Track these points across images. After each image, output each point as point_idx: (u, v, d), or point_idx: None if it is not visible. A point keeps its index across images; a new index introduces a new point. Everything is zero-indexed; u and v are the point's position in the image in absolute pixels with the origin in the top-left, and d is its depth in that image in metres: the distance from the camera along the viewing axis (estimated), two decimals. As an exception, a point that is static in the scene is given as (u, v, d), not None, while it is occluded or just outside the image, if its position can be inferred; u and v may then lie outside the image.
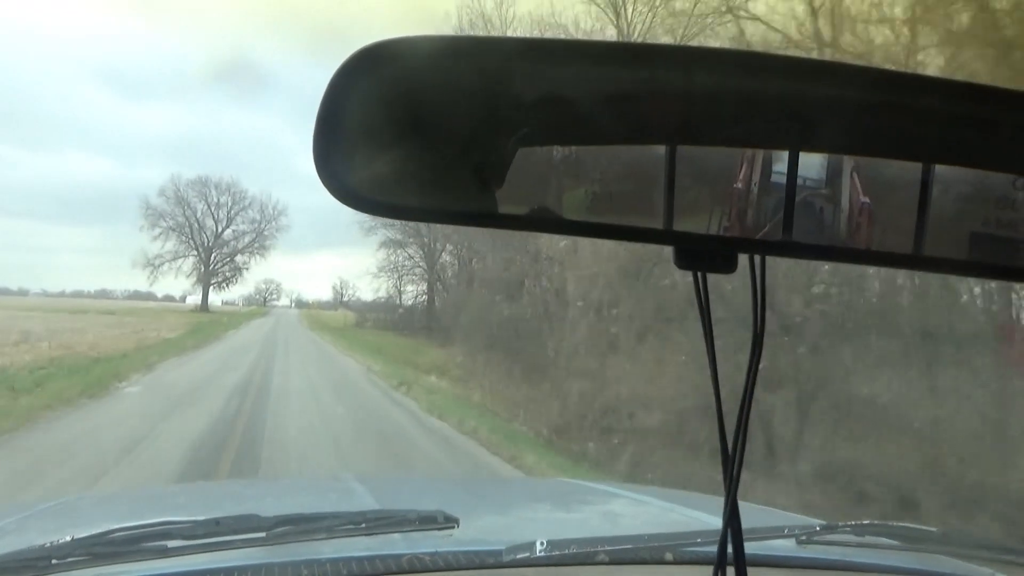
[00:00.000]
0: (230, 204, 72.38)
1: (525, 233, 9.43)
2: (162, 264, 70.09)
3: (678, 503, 2.21)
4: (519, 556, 1.34)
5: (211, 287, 72.52)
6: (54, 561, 1.18)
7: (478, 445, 10.16)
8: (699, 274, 0.77)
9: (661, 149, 0.71)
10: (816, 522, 1.63)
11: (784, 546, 1.45)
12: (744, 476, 0.81)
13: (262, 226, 73.73)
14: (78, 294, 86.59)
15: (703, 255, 0.73)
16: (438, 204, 0.72)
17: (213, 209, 72.14)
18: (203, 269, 71.57)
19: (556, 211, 0.71)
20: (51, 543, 1.21)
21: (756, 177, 0.71)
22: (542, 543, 1.34)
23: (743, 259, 0.75)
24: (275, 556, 1.31)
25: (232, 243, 73.47)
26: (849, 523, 1.52)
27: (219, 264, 73.30)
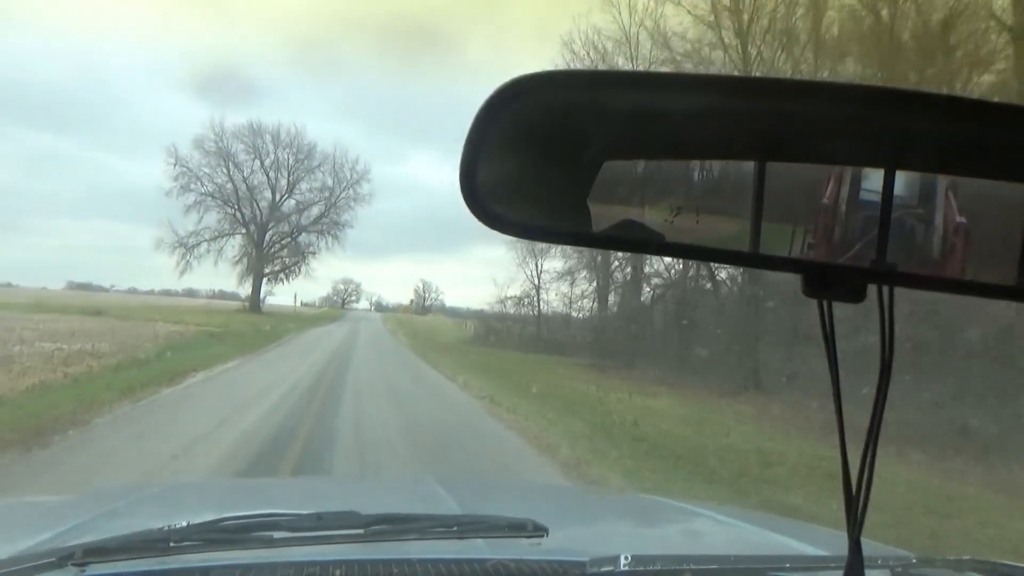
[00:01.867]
0: (291, 163, 50.77)
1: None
2: (198, 245, 48.65)
3: (761, 526, 2.16)
4: (603, 569, 1.34)
5: (265, 279, 51.46)
6: (172, 544, 1.27)
7: None
8: (824, 303, 0.77)
9: (751, 166, 0.73)
10: (911, 555, 1.57)
11: None
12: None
13: (336, 195, 51.45)
14: (167, 293, 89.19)
15: (831, 284, 0.73)
16: (562, 226, 0.78)
17: (269, 170, 50.25)
18: (253, 253, 49.91)
19: (677, 235, 0.75)
20: (169, 527, 1.31)
21: (846, 195, 0.71)
22: (626, 558, 1.34)
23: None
24: (370, 553, 1.37)
25: (293, 218, 51.91)
26: (947, 557, 1.46)
27: (276, 247, 51.88)
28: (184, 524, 1.32)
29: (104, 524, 1.67)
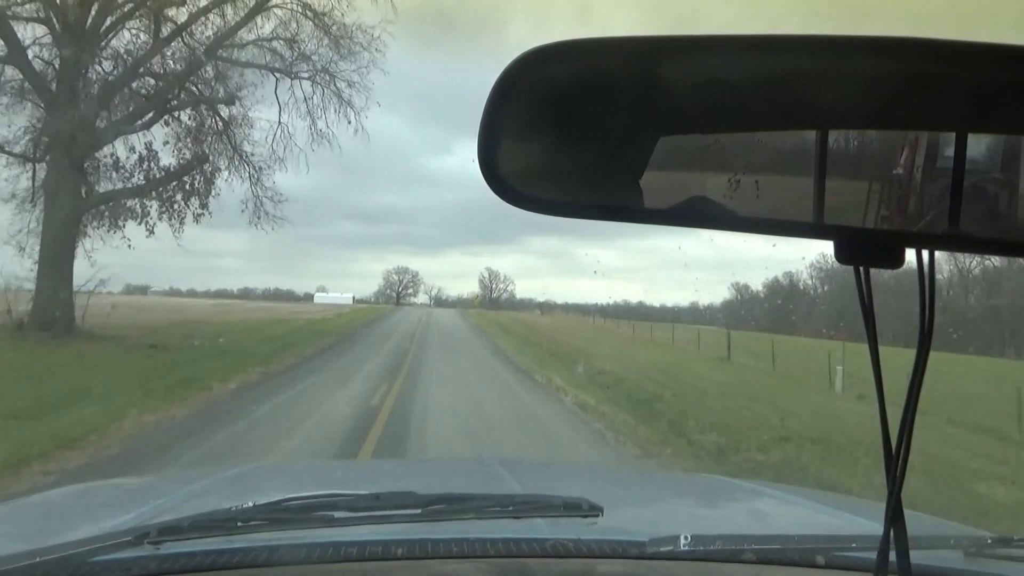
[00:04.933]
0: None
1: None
2: None
3: (828, 505, 2.12)
4: (663, 549, 1.35)
5: (89, 228, 18.42)
6: (239, 524, 1.32)
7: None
8: (861, 269, 0.74)
9: (811, 135, 0.70)
10: (986, 534, 1.51)
11: (950, 557, 1.36)
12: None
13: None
14: (221, 293, 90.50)
15: (866, 249, 0.70)
16: (593, 200, 0.75)
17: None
18: (47, 158, 17.74)
19: (705, 205, 0.72)
20: (236, 507, 1.37)
21: (919, 163, 0.68)
22: (686, 537, 1.35)
23: (908, 253, 0.72)
24: (428, 532, 1.39)
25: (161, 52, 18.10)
26: None
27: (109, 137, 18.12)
28: (250, 504, 1.37)
29: (180, 505, 1.74)
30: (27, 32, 18.25)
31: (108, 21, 18.90)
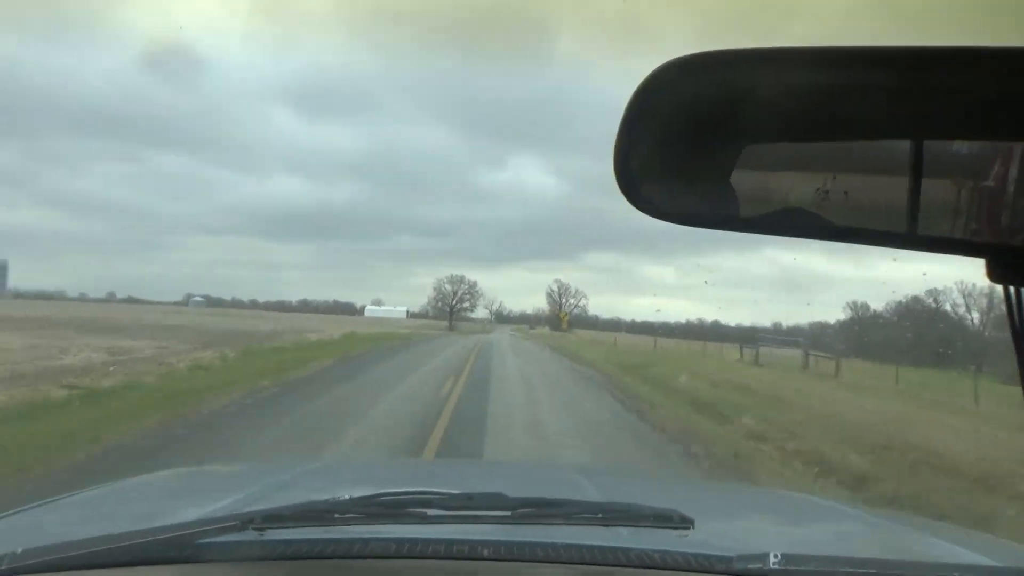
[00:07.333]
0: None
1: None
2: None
3: (921, 531, 2.03)
4: (751, 566, 1.32)
5: None
6: (336, 515, 1.38)
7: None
8: (1012, 289, 0.70)
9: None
10: None
11: None
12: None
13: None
14: (280, 305, 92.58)
15: (1019, 268, 0.67)
16: (720, 211, 0.76)
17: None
18: None
19: (845, 219, 0.72)
20: (333, 499, 1.42)
21: (1014, 174, 0.66)
22: (776, 555, 1.31)
23: None
24: (516, 535, 1.41)
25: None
26: None
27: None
28: (347, 498, 1.42)
29: (272, 494, 1.83)
30: None
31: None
